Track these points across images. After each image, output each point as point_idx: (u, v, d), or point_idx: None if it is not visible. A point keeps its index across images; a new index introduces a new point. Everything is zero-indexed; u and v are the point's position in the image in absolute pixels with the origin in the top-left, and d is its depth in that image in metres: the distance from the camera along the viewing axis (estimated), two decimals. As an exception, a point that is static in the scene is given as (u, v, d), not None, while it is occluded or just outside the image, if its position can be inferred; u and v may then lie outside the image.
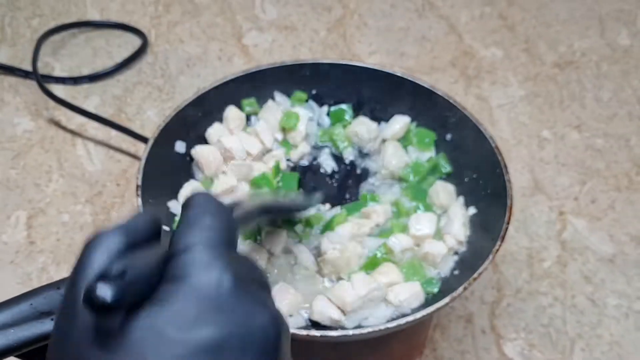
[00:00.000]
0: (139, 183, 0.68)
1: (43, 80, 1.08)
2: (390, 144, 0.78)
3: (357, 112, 0.83)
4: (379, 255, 0.69)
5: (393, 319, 0.64)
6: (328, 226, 0.72)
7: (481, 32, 1.22)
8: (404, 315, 0.63)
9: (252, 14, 1.25)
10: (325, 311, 0.64)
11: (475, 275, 0.62)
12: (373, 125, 0.81)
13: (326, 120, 0.83)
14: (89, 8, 1.25)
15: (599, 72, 1.15)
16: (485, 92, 1.12)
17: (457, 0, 1.28)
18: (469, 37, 1.21)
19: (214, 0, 1.27)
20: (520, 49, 1.19)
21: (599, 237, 0.93)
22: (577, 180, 1.00)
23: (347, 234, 0.70)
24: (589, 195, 0.98)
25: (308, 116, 0.81)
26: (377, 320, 0.65)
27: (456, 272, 0.69)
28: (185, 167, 0.77)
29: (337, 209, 0.74)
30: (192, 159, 0.78)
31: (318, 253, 0.70)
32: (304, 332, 0.61)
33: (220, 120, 0.80)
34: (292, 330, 0.60)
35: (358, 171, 0.80)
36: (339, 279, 0.68)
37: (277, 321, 0.33)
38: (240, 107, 0.81)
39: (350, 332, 0.60)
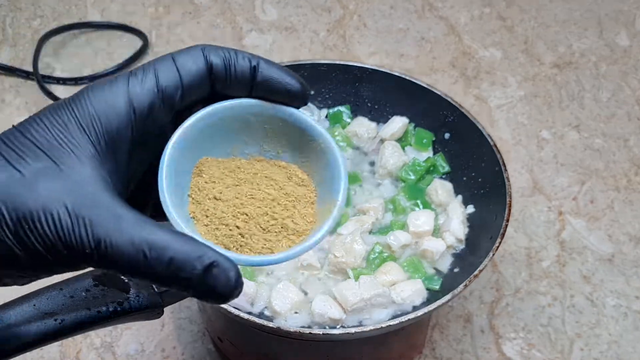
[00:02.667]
0: (140, 183, 0.68)
1: (44, 81, 1.08)
2: (388, 144, 0.78)
3: (356, 113, 0.84)
4: (378, 251, 0.69)
5: (394, 317, 0.64)
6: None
7: (480, 32, 1.22)
8: (405, 313, 0.63)
9: (253, 15, 1.25)
10: (324, 312, 0.64)
11: (476, 272, 0.62)
12: (372, 125, 0.82)
13: (325, 123, 0.84)
14: (89, 9, 1.25)
15: (598, 73, 1.16)
16: (484, 93, 1.12)
17: (457, 1, 1.28)
18: (468, 38, 1.21)
19: (215, 1, 1.28)
20: (519, 50, 1.19)
21: (597, 237, 0.93)
22: (576, 180, 1.00)
23: (350, 233, 0.70)
24: (587, 195, 0.98)
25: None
26: (377, 320, 0.66)
27: (456, 270, 0.69)
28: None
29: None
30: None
31: (322, 252, 0.70)
32: (306, 331, 0.61)
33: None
34: (294, 329, 0.61)
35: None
36: (344, 277, 0.68)
37: None
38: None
39: (353, 330, 0.60)
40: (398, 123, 0.80)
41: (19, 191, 0.34)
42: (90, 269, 0.36)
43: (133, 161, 0.38)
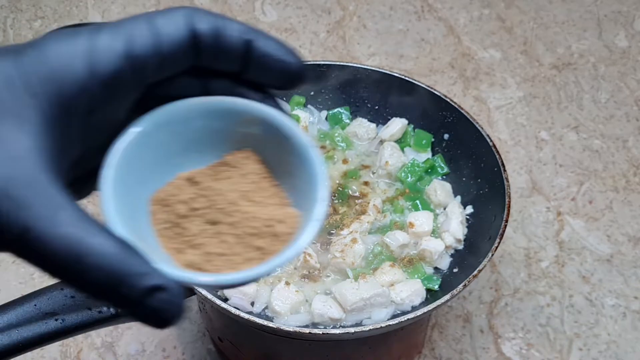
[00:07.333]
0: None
1: (45, 82, 1.08)
2: (388, 145, 0.79)
3: (355, 114, 0.84)
4: (377, 251, 0.69)
5: (394, 317, 0.65)
6: (332, 225, 0.73)
7: (479, 33, 1.23)
8: (404, 313, 0.64)
9: (252, 16, 1.25)
10: (324, 312, 0.64)
11: (475, 272, 0.63)
12: (371, 126, 0.82)
13: (325, 124, 0.84)
14: (90, 10, 1.25)
15: (597, 74, 1.16)
16: (483, 94, 1.12)
17: (456, 2, 1.28)
18: (467, 39, 1.22)
19: (215, 2, 1.28)
20: (519, 51, 1.20)
21: (596, 238, 0.93)
22: (575, 181, 1.00)
23: (349, 233, 0.70)
24: (586, 196, 0.98)
25: (309, 119, 0.82)
26: (377, 320, 0.66)
27: (455, 270, 0.70)
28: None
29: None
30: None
31: (322, 252, 0.71)
32: (305, 330, 0.61)
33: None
34: (294, 329, 0.61)
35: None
36: (344, 277, 0.68)
37: None
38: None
39: (352, 330, 0.61)
40: (397, 124, 0.80)
41: None
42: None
43: (85, 138, 0.31)
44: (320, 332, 0.61)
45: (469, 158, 0.77)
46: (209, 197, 0.34)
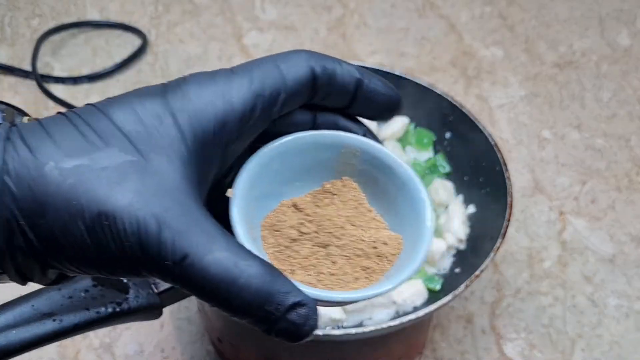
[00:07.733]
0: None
1: (43, 80, 1.08)
2: (388, 143, 0.78)
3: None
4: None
5: (395, 318, 0.64)
6: None
7: (481, 32, 1.22)
8: (406, 314, 0.63)
9: (252, 14, 1.25)
10: (325, 312, 0.64)
11: (477, 272, 0.62)
12: (372, 124, 0.81)
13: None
14: (88, 8, 1.25)
15: (599, 72, 1.15)
16: (485, 92, 1.12)
17: (457, 0, 1.28)
18: (469, 37, 1.21)
19: (214, 0, 1.27)
20: (520, 49, 1.19)
21: (599, 237, 0.93)
22: (577, 180, 1.00)
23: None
24: (589, 195, 0.98)
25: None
26: (378, 320, 0.65)
27: (457, 271, 0.69)
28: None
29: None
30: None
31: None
32: (304, 332, 0.61)
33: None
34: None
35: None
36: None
37: None
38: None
39: (353, 331, 0.60)
40: (398, 123, 0.80)
41: (100, 183, 0.30)
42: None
43: (218, 168, 0.35)
44: (321, 333, 0.61)
45: (470, 157, 0.76)
46: (317, 222, 0.37)
